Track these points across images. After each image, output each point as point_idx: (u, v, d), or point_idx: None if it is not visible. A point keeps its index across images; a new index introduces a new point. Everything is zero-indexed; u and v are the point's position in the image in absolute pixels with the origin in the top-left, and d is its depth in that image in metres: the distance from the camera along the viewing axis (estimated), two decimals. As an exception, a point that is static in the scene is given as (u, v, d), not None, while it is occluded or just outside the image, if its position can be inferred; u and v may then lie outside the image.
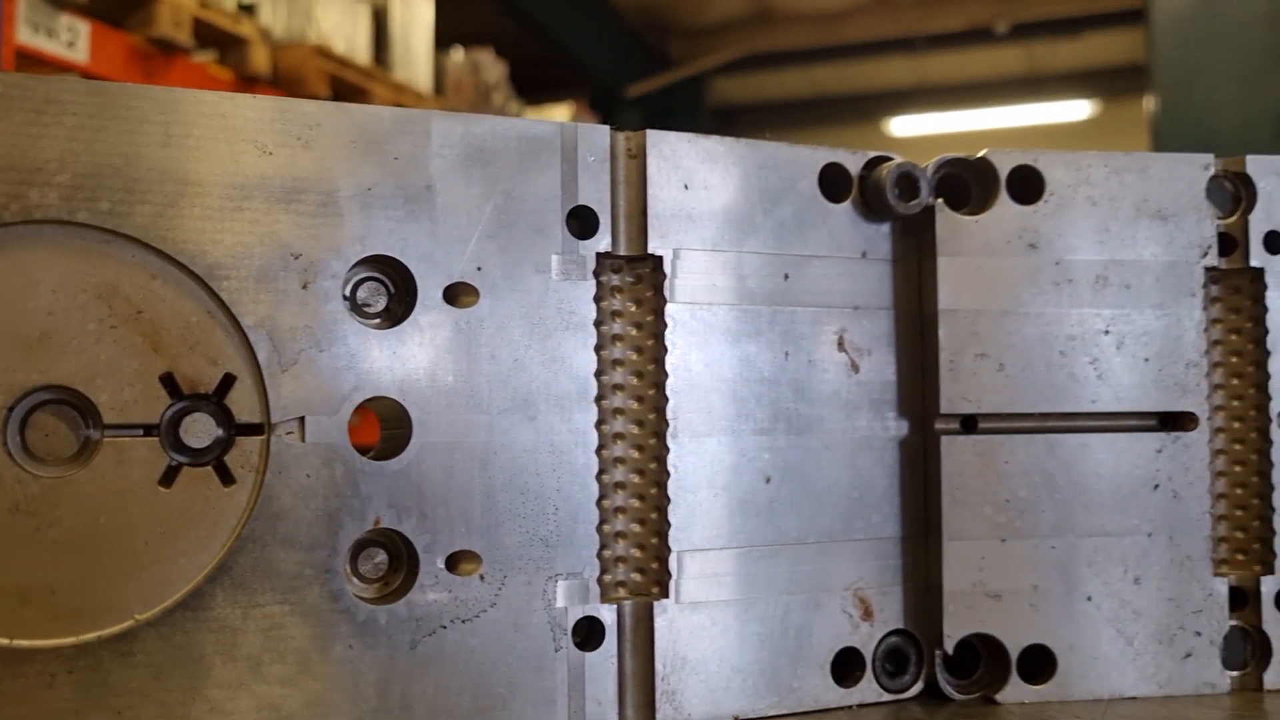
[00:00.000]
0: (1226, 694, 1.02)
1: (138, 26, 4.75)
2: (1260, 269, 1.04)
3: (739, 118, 12.92)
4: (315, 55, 5.82)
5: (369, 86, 6.24)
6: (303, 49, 5.81)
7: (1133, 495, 1.01)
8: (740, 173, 0.97)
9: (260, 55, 5.57)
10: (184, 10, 4.81)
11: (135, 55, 4.78)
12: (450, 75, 7.85)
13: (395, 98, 6.50)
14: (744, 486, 0.96)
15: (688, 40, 11.46)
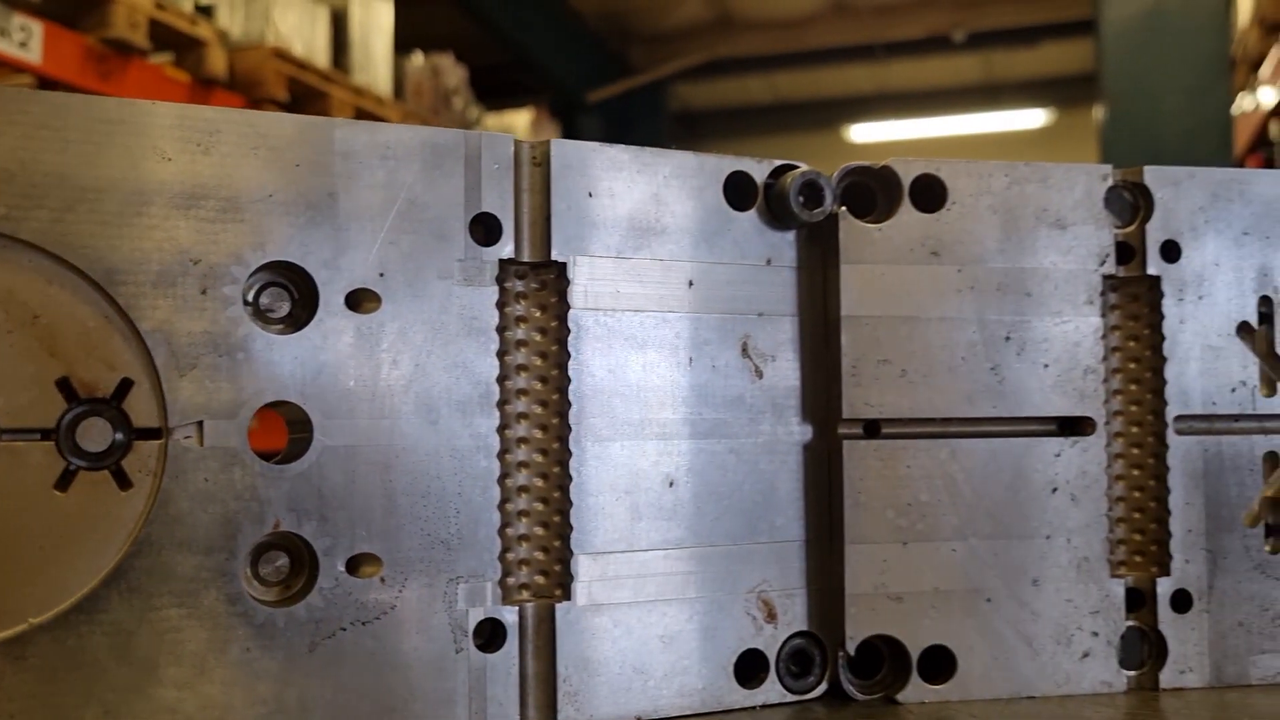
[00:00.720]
0: (1123, 693, 1.04)
1: (92, 27, 4.71)
2: (1157, 277, 1.06)
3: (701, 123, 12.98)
4: (273, 58, 5.78)
5: (328, 90, 6.22)
6: (261, 51, 5.78)
7: (1032, 499, 1.03)
8: (645, 181, 0.98)
9: (217, 57, 5.53)
10: (140, 11, 4.77)
11: (90, 56, 4.74)
12: (410, 79, 7.84)
13: (354, 101, 6.47)
14: (647, 490, 0.97)
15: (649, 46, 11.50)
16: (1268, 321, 1.08)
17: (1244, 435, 1.07)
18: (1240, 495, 1.07)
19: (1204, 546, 1.06)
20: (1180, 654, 1.05)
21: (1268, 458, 1.08)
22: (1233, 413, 1.07)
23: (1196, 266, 1.07)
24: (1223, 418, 1.07)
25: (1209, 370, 1.06)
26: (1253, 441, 1.07)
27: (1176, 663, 1.05)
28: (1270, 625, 1.06)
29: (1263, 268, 1.08)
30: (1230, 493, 1.06)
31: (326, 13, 6.68)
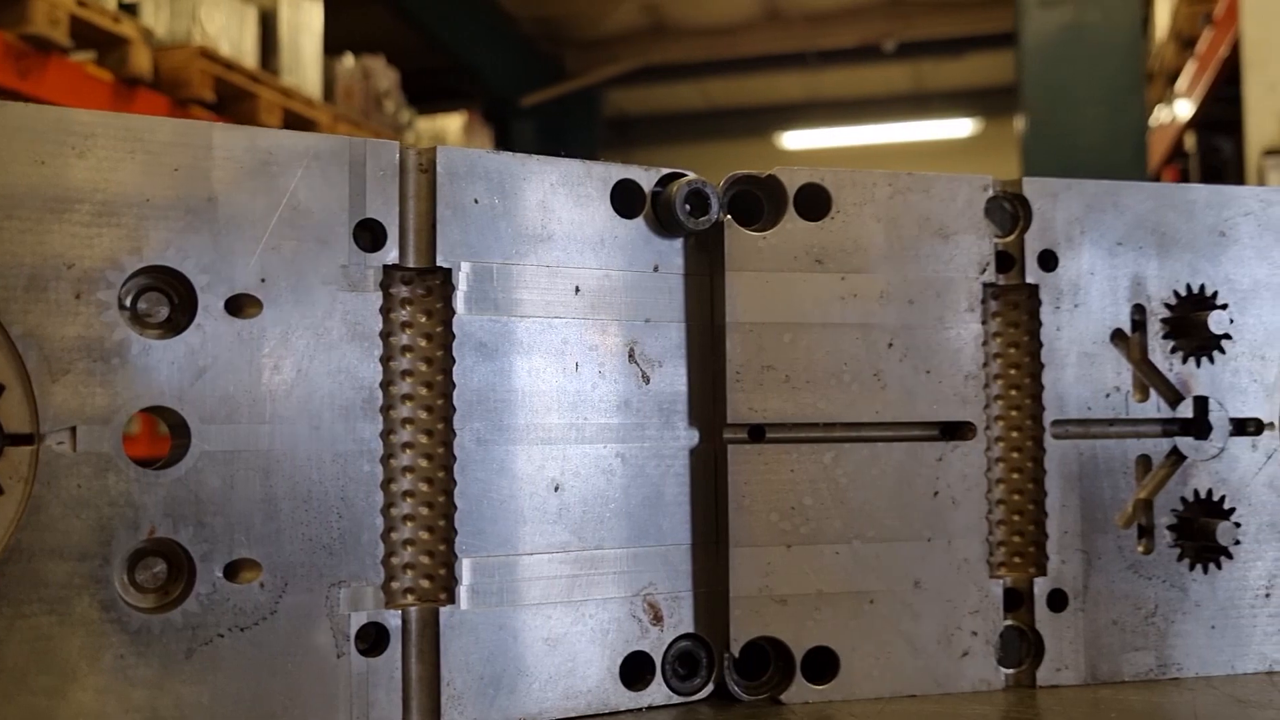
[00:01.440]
0: (1002, 690, 1.07)
1: (11, 23, 4.60)
2: (1035, 285, 1.09)
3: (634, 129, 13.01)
4: (199, 57, 5.70)
5: (256, 91, 6.14)
6: (187, 51, 5.69)
7: (914, 502, 1.06)
8: (532, 188, 0.99)
9: (142, 56, 5.44)
10: (61, 7, 4.68)
11: (8, 53, 4.64)
12: (340, 82, 7.77)
13: (283, 102, 6.40)
14: (532, 495, 0.98)
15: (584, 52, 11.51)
16: (1140, 329, 1.12)
17: (1118, 439, 1.11)
18: (1114, 497, 1.10)
19: (1079, 547, 1.09)
20: (1056, 652, 1.08)
21: (1140, 461, 1.11)
22: (1107, 417, 1.10)
23: (1073, 275, 1.10)
24: (1098, 422, 1.11)
25: (1084, 376, 1.10)
26: (1126, 445, 1.11)
27: (1053, 660, 1.08)
28: (1143, 623, 1.10)
29: (1136, 277, 1.11)
30: (1105, 495, 1.10)
31: (255, 13, 6.60)
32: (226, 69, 5.90)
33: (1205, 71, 6.18)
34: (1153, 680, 1.10)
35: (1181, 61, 7.04)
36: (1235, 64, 5.42)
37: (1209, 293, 1.13)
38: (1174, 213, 1.13)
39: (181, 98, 5.67)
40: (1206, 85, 6.21)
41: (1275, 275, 1.15)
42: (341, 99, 7.66)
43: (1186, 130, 7.04)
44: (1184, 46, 6.99)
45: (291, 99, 6.53)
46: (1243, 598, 1.12)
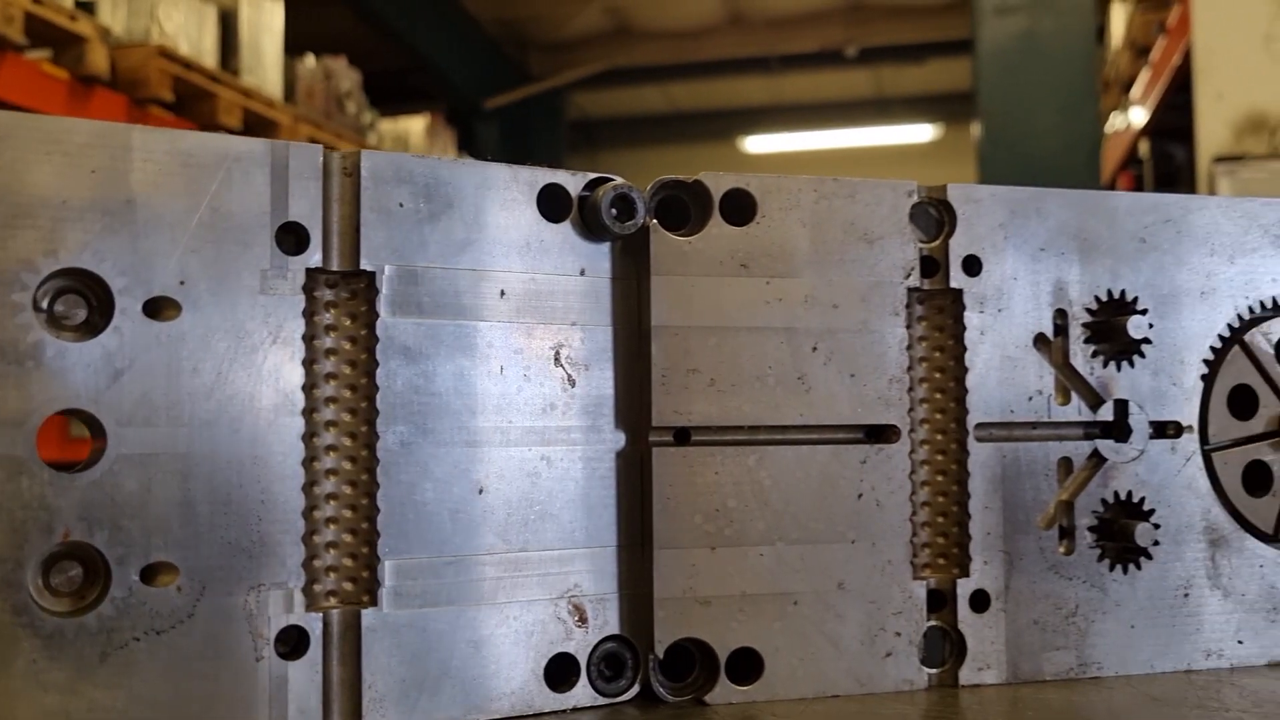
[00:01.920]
0: (924, 690, 1.08)
1: (-37, 20, 4.56)
2: (959, 290, 1.11)
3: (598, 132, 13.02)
4: (158, 57, 5.66)
5: (215, 90, 6.10)
6: (145, 50, 5.64)
7: (838, 504, 1.07)
8: (457, 192, 1.00)
9: (99, 55, 5.39)
10: (15, 4, 4.63)
11: (-39, 50, 4.60)
12: (302, 82, 7.74)
13: (243, 103, 6.37)
14: (456, 497, 0.98)
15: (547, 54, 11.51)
16: (1062, 334, 1.13)
17: (1040, 442, 1.12)
18: (1036, 499, 1.12)
19: (1001, 549, 1.10)
20: (978, 652, 1.09)
21: (1062, 463, 1.13)
22: (1030, 420, 1.12)
23: (996, 280, 1.11)
24: (1020, 425, 1.12)
25: (1007, 380, 1.11)
26: (1048, 448, 1.12)
27: (975, 660, 1.09)
28: (1063, 623, 1.11)
29: (1058, 282, 1.13)
30: (1026, 497, 1.11)
31: (214, 12, 6.56)
32: (185, 69, 5.86)
33: (1159, 79, 6.27)
34: (1073, 679, 1.11)
35: (1136, 69, 7.13)
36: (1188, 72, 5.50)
37: (1129, 298, 1.14)
38: (1096, 219, 1.14)
39: (139, 97, 5.63)
40: (1160, 93, 6.30)
41: (1195, 281, 1.17)
42: (303, 100, 7.63)
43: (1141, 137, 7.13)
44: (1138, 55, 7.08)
45: (252, 99, 6.50)
46: (1162, 598, 1.14)
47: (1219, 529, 1.16)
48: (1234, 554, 1.16)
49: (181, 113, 5.99)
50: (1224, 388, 1.18)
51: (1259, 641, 1.16)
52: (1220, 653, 1.15)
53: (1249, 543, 1.17)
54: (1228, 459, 1.17)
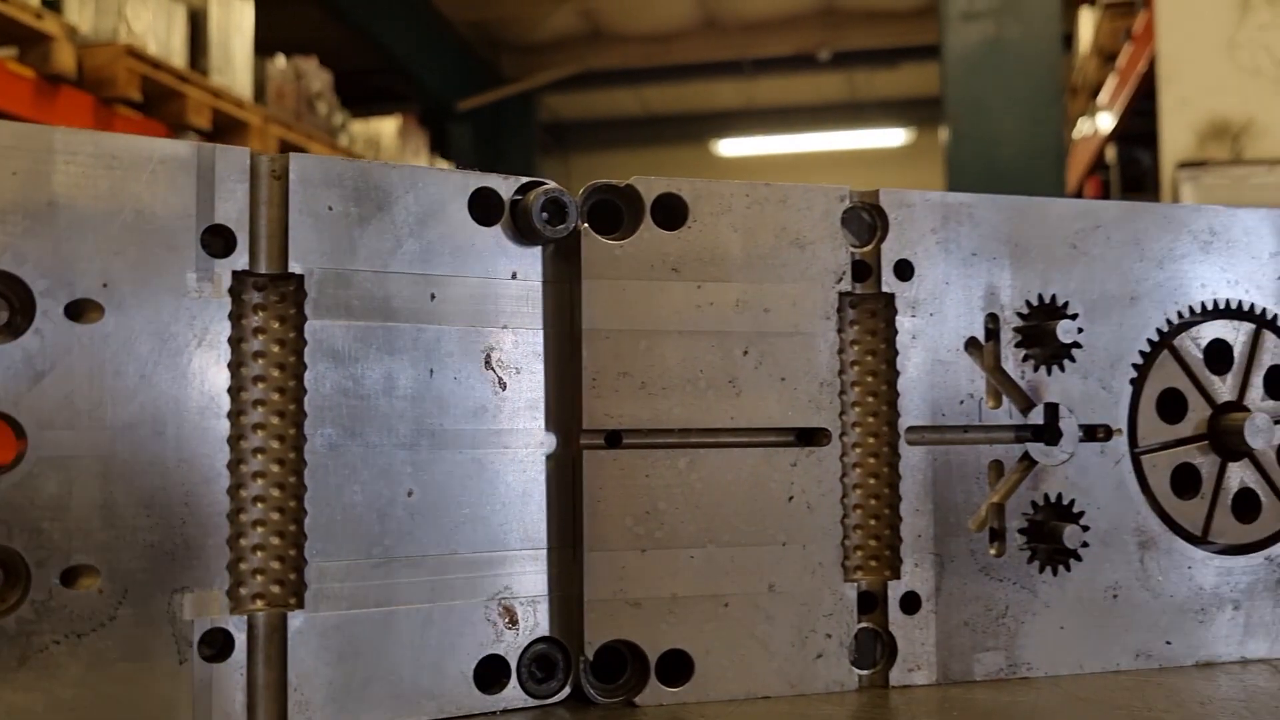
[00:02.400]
0: (855, 691, 1.09)
1: (-73, 17, 4.53)
2: (891, 295, 1.12)
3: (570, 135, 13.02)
4: (126, 56, 5.62)
5: (184, 90, 6.07)
6: (113, 49, 5.61)
7: (769, 507, 1.07)
8: (388, 195, 1.00)
9: (65, 54, 5.35)
10: (-21, 2, 4.59)
11: (-77, 48, 4.56)
12: (272, 82, 7.70)
13: (212, 103, 6.34)
14: (385, 499, 0.98)
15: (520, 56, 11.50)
16: (994, 338, 1.14)
17: (971, 445, 1.13)
18: (967, 502, 1.13)
19: (932, 551, 1.11)
20: (909, 653, 1.10)
21: (993, 466, 1.14)
22: (961, 424, 1.13)
23: (928, 285, 1.12)
24: (952, 429, 1.13)
25: (939, 383, 1.12)
26: (979, 451, 1.13)
27: (905, 661, 1.10)
28: (993, 624, 1.12)
29: (990, 287, 1.14)
30: (958, 499, 1.12)
31: (183, 11, 6.52)
32: (154, 68, 5.83)
33: (1125, 85, 6.33)
34: (1003, 679, 1.12)
35: (1103, 76, 7.19)
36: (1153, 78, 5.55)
37: (1060, 303, 1.16)
38: (1028, 225, 1.16)
39: (107, 97, 5.60)
40: (1127, 99, 6.35)
41: (1125, 287, 1.18)
42: (273, 100, 7.60)
43: (1108, 142, 7.19)
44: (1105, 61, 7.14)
45: (221, 99, 6.47)
46: (1091, 599, 1.15)
47: (1148, 531, 1.17)
48: (1163, 555, 1.18)
49: (150, 113, 5.96)
50: (1153, 391, 1.19)
51: (1187, 642, 1.18)
52: (1149, 653, 1.17)
53: (1177, 544, 1.18)
54: (1157, 462, 1.19)
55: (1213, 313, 1.22)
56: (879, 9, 10.52)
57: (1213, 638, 1.19)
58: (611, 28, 11.18)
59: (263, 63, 7.48)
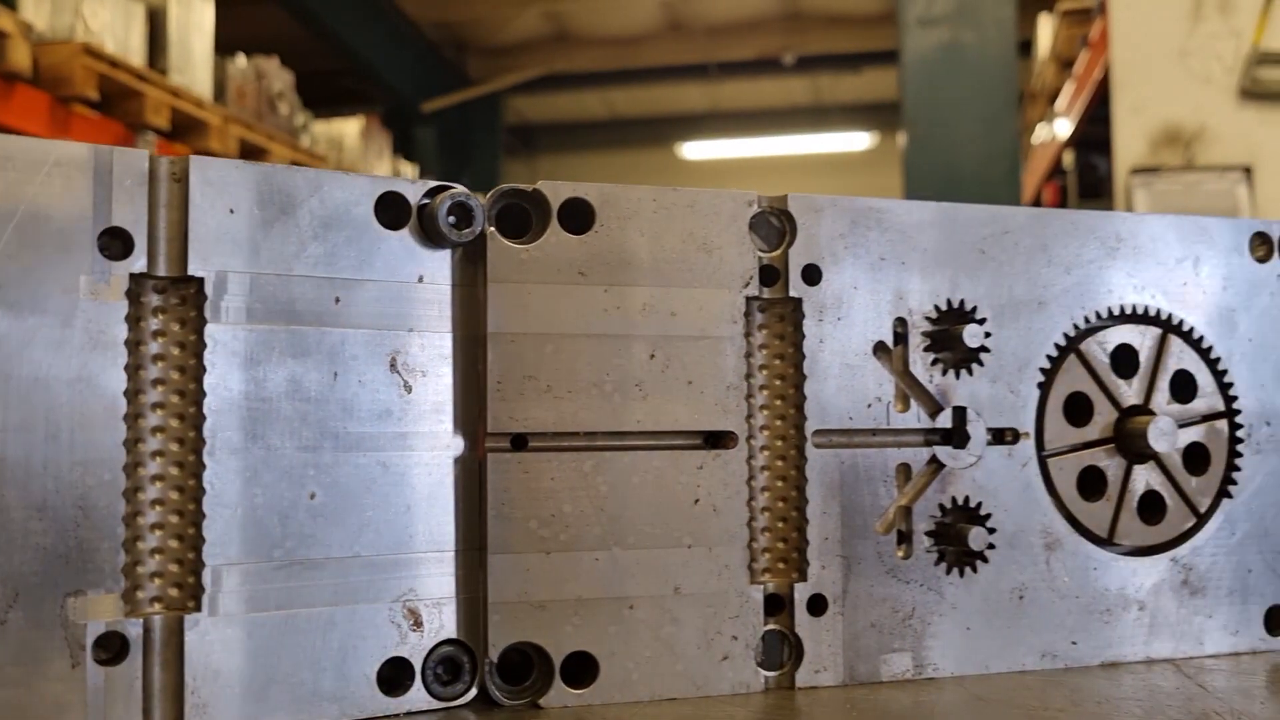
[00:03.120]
0: (761, 692, 1.10)
1: (-122, 14, 4.47)
2: (799, 299, 1.13)
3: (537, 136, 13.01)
4: (83, 54, 5.58)
5: (143, 90, 6.03)
6: (70, 47, 5.57)
7: (675, 509, 1.08)
8: (291, 199, 1.00)
9: (20, 51, 5.31)
10: (-68, -2, 4.55)
11: (-126, 45, 4.51)
12: (233, 82, 7.66)
13: (171, 102, 6.30)
14: (286, 502, 0.98)
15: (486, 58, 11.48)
16: (902, 342, 1.16)
17: (879, 448, 1.15)
18: (874, 504, 1.14)
19: (839, 553, 1.12)
20: (815, 654, 1.11)
21: (900, 469, 1.15)
22: (869, 427, 1.14)
23: (836, 289, 1.14)
24: (860, 432, 1.14)
25: (847, 387, 1.13)
26: (886, 454, 1.15)
27: (812, 663, 1.11)
28: (900, 626, 1.14)
29: (898, 291, 1.15)
30: (865, 502, 1.13)
31: (142, 10, 6.48)
32: (111, 67, 5.79)
33: (1082, 92, 6.39)
34: (909, 680, 1.14)
35: (1061, 82, 7.26)
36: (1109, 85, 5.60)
37: (969, 307, 1.17)
38: (937, 230, 1.17)
39: (63, 95, 5.56)
40: (1084, 105, 6.42)
41: (1033, 291, 1.20)
42: (234, 100, 7.56)
43: (1066, 148, 7.26)
44: (1063, 67, 7.21)
45: (180, 99, 6.44)
46: (998, 600, 1.17)
47: (1054, 533, 1.19)
48: (1068, 557, 1.19)
49: (107, 112, 5.92)
50: (1060, 395, 1.21)
51: (1092, 642, 1.19)
52: (1054, 654, 1.18)
53: (1083, 546, 1.20)
54: (1063, 464, 1.20)
55: (1119, 318, 1.24)
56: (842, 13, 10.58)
57: (1118, 638, 1.20)
58: (577, 31, 11.19)
59: (223, 62, 7.44)
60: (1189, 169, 5.45)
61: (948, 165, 5.44)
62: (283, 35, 9.43)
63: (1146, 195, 5.42)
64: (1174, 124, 5.45)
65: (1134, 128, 5.49)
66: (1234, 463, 1.26)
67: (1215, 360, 1.26)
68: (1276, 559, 1.27)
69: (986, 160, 5.52)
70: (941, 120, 5.56)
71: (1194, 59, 5.47)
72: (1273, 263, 1.29)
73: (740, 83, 11.56)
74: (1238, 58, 5.46)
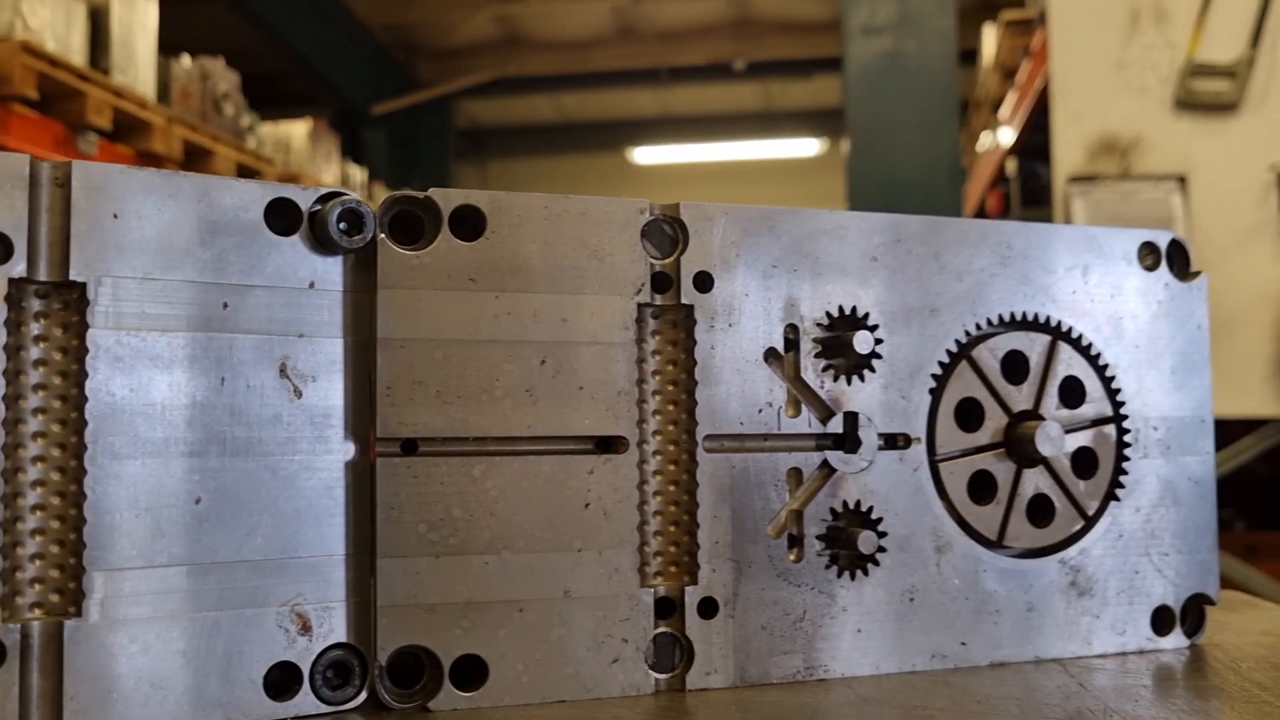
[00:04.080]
0: (652, 695, 1.11)
1: None
2: (691, 306, 1.14)
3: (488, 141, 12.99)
4: (21, 52, 5.50)
5: (84, 89, 5.95)
6: (7, 45, 5.49)
7: (565, 513, 1.09)
8: (178, 204, 1.00)
9: (-45, 50, 5.24)
10: None
11: None
12: (177, 82, 7.59)
13: (114, 102, 6.23)
14: (170, 507, 0.98)
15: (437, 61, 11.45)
16: (794, 348, 1.18)
17: (770, 453, 1.16)
18: (765, 509, 1.16)
19: (730, 557, 1.14)
20: (706, 657, 1.13)
21: (792, 473, 1.17)
22: (760, 432, 1.16)
23: (727, 296, 1.15)
24: (751, 437, 1.16)
25: (738, 393, 1.15)
26: (777, 459, 1.16)
27: (702, 665, 1.12)
28: (791, 628, 1.15)
29: (789, 298, 1.17)
30: (756, 506, 1.15)
31: (84, 9, 6.40)
32: (51, 65, 5.71)
33: (1025, 101, 6.48)
34: (799, 681, 1.15)
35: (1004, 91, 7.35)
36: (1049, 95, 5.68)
37: (861, 314, 1.19)
38: (828, 238, 1.19)
39: (2, 94, 5.47)
40: (1026, 114, 6.50)
41: (925, 299, 1.22)
42: (178, 101, 7.48)
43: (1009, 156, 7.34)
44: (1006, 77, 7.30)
45: (123, 99, 6.36)
46: (888, 602, 1.19)
47: (945, 535, 1.22)
48: (959, 559, 1.22)
49: (47, 111, 5.84)
50: (951, 401, 1.23)
51: (981, 643, 1.22)
52: (945, 654, 1.21)
53: (973, 549, 1.23)
54: (954, 469, 1.23)
55: (1010, 325, 1.26)
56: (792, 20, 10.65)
57: (1007, 639, 1.23)
58: (529, 35, 11.18)
59: (168, 63, 7.37)
60: (1125, 178, 5.54)
61: (890, 172, 5.50)
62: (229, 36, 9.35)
63: (1084, 203, 5.50)
64: (1111, 133, 5.54)
65: (1072, 137, 5.57)
66: (1121, 466, 1.29)
67: (1104, 367, 1.29)
68: (1163, 560, 1.30)
69: (928, 167, 5.58)
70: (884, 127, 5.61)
71: (1131, 70, 5.57)
72: (1160, 271, 1.32)
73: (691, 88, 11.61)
74: (1173, 69, 5.55)
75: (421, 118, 11.06)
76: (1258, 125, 5.25)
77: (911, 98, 5.70)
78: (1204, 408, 1.33)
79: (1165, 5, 5.49)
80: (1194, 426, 1.32)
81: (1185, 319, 1.33)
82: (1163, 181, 5.51)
